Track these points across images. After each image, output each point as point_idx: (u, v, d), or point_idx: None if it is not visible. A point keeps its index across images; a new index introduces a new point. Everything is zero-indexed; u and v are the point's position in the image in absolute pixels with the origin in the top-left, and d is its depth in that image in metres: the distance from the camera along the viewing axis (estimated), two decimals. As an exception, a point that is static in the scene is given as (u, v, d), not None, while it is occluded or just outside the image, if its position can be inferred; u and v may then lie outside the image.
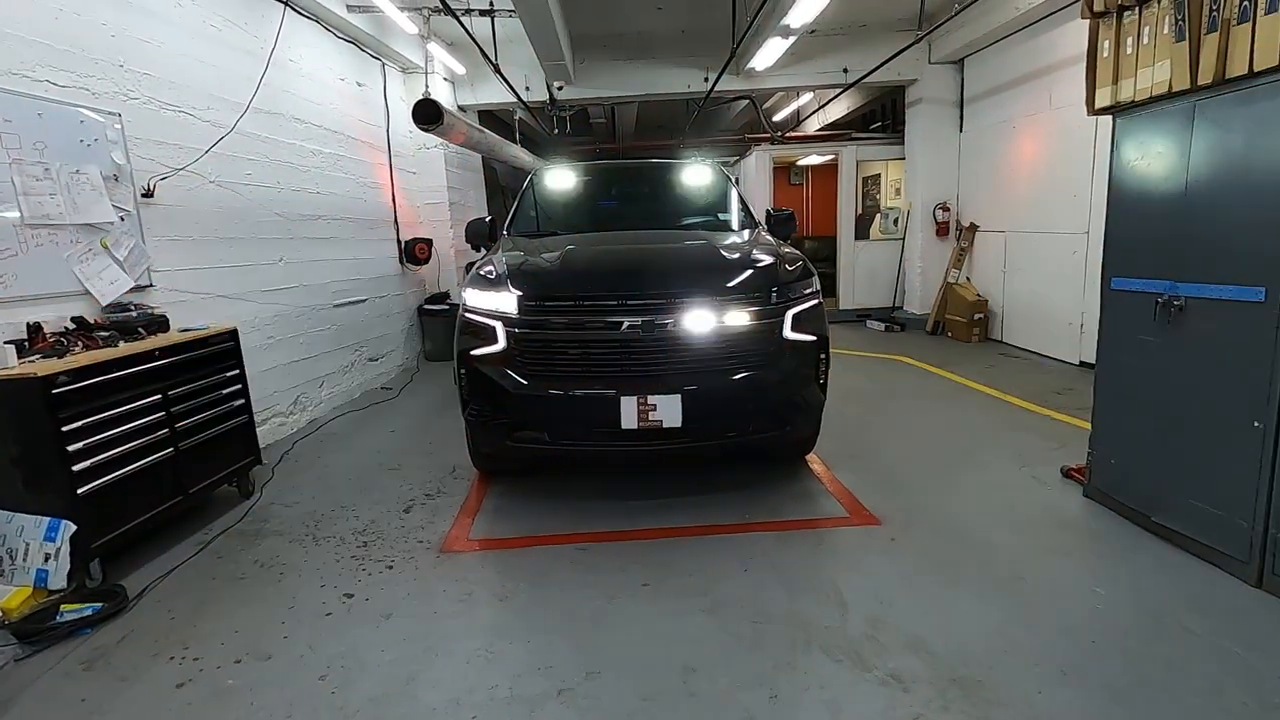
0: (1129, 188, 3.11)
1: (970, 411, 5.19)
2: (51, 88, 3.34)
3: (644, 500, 3.68)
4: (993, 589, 2.70)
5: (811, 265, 3.77)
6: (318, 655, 2.43)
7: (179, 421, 3.34)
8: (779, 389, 3.43)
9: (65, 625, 2.57)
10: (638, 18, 8.04)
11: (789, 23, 6.27)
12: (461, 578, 2.95)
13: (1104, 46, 3.13)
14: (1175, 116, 2.81)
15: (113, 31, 3.72)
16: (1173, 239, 2.87)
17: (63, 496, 2.76)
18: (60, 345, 2.97)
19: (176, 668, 2.39)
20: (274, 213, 5.12)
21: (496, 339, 3.39)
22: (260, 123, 4.88)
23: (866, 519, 3.36)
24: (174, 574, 3.05)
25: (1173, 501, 2.95)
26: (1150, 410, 3.04)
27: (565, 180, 5.21)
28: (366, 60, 6.87)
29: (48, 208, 3.25)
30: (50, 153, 3.27)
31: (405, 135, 7.52)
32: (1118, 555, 2.96)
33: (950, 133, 8.75)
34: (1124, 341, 3.18)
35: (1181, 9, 2.66)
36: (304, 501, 3.85)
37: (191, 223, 4.26)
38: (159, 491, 3.25)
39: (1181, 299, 2.82)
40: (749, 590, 2.75)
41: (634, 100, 9.78)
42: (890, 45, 7.41)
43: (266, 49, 4.80)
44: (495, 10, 6.45)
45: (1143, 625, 2.43)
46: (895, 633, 2.43)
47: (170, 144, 4.07)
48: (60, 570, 2.74)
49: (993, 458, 4.14)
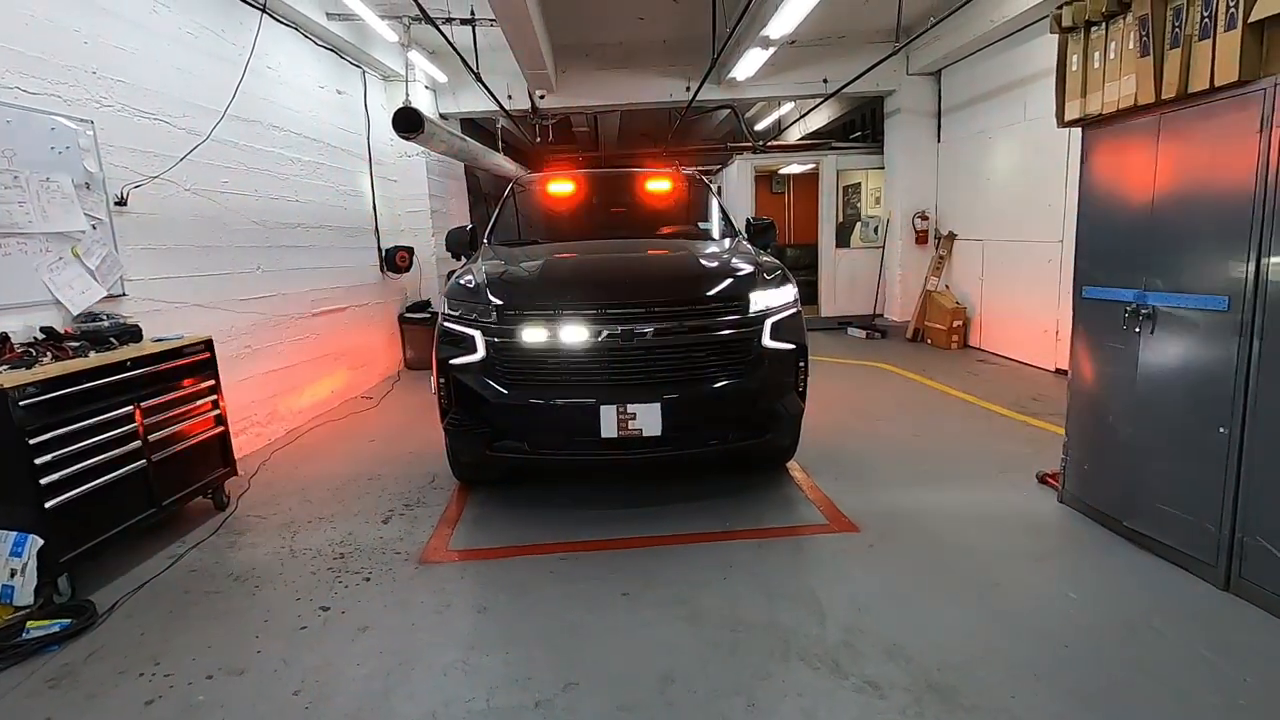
0: (1098, 199, 3.17)
1: (949, 418, 5.24)
2: (21, 94, 3.29)
3: (624, 509, 3.68)
4: (969, 595, 2.73)
5: (790, 274, 3.80)
6: (292, 670, 2.39)
7: (152, 433, 3.29)
8: (758, 397, 3.46)
9: (31, 642, 2.51)
10: (620, 28, 8.08)
11: (769, 34, 6.34)
12: (440, 589, 2.93)
13: (1072, 60, 3.20)
14: (1141, 130, 2.88)
15: (85, 38, 3.67)
16: (1141, 249, 2.93)
17: (30, 510, 2.70)
18: (29, 356, 2.91)
19: (146, 684, 2.34)
20: (252, 221, 5.07)
21: (476, 348, 3.38)
22: (238, 130, 4.84)
23: (846, 526, 3.38)
24: (145, 588, 3.00)
25: (1144, 506, 3.00)
26: (1121, 417, 3.10)
27: (546, 189, 5.22)
28: (346, 68, 6.84)
29: (16, 216, 3.19)
30: (19, 160, 3.22)
31: (386, 143, 7.49)
32: (1091, 560, 3.00)
33: (928, 143, 8.88)
34: (1095, 349, 3.24)
35: (1146, 25, 2.72)
36: (280, 513, 3.80)
37: (166, 231, 4.21)
38: (130, 504, 3.19)
39: (1149, 308, 2.88)
40: (728, 598, 2.76)
41: (616, 109, 9.81)
42: (869, 56, 7.51)
43: (244, 56, 4.76)
44: (476, 19, 6.45)
45: (1115, 629, 2.47)
46: (873, 639, 2.44)
47: (144, 151, 4.02)
48: (27, 586, 2.67)
49: (971, 464, 4.18)
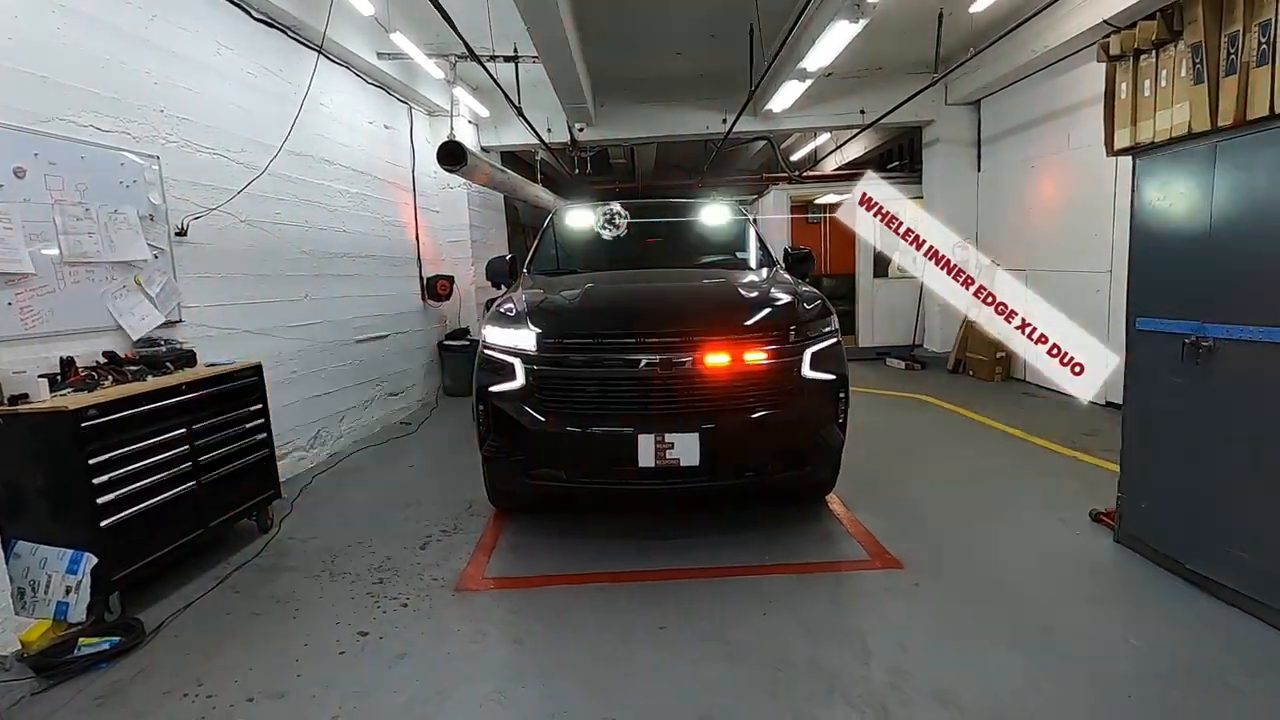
0: (1152, 228, 3.09)
1: (994, 452, 5.09)
2: (96, 132, 3.48)
3: (661, 540, 3.64)
4: (1022, 638, 2.61)
5: (830, 304, 3.77)
6: (330, 695, 2.40)
7: (202, 455, 3.38)
8: (798, 428, 3.41)
9: (82, 659, 2.57)
10: (658, 62, 8.25)
11: (806, 66, 6.39)
12: (476, 617, 2.92)
13: (1121, 89, 3.15)
14: (1196, 157, 2.80)
15: (155, 79, 3.89)
16: (1198, 280, 2.83)
17: (86, 529, 2.79)
18: (91, 379, 3.03)
19: (190, 705, 2.37)
20: (301, 250, 5.25)
21: (515, 376, 3.41)
22: (291, 164, 5.04)
23: (889, 562, 3.28)
24: (191, 608, 3.05)
25: (1208, 548, 2.85)
26: (1182, 453, 2.96)
27: (585, 219, 5.29)
28: (394, 104, 7.10)
29: (86, 246, 3.36)
30: (91, 193, 3.40)
31: (430, 175, 7.71)
32: (1151, 604, 2.85)
33: (968, 172, 8.79)
34: (1152, 383, 3.12)
35: (1199, 53, 2.67)
36: (321, 536, 3.85)
37: (222, 260, 4.38)
38: (180, 524, 3.27)
39: (1210, 340, 2.77)
40: (768, 635, 2.69)
41: (653, 141, 9.97)
42: (907, 87, 7.51)
43: (299, 94, 4.98)
44: (519, 56, 6.66)
45: (1181, 679, 2.33)
46: (921, 683, 2.34)
47: (204, 185, 4.22)
48: (80, 603, 2.75)
49: (1018, 501, 4.04)
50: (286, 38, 5.10)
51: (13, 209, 3.00)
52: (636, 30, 7.13)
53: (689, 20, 6.91)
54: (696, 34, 7.28)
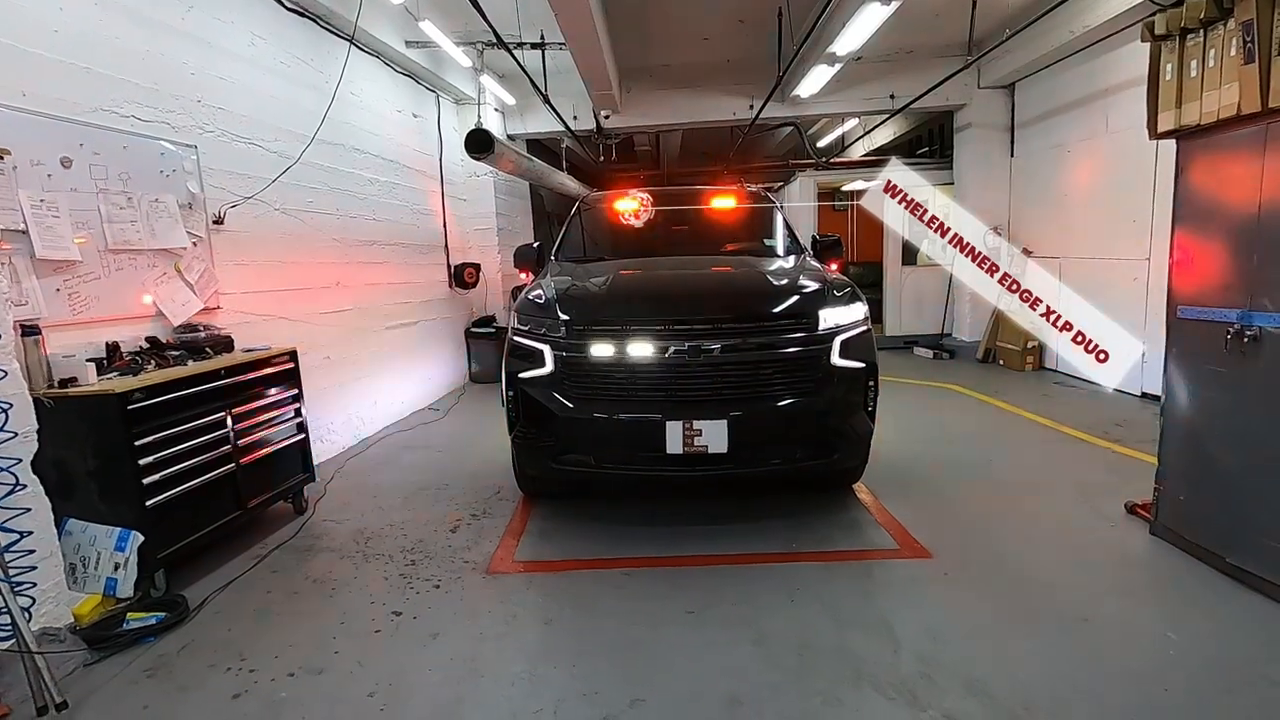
0: (1196, 214, 3.00)
1: (1025, 442, 5.02)
2: (137, 122, 3.56)
3: (688, 526, 3.66)
4: (1055, 630, 2.58)
5: (859, 291, 3.73)
6: (367, 672, 2.46)
7: (241, 438, 3.47)
8: (826, 416, 3.39)
9: (130, 633, 2.68)
10: (684, 49, 8.18)
11: (835, 50, 6.29)
12: (506, 599, 2.97)
13: (1166, 70, 3.05)
14: (1245, 140, 2.71)
15: (193, 70, 3.96)
16: (1245, 267, 2.75)
17: (133, 508, 2.89)
18: (135, 364, 3.13)
19: (233, 678, 2.45)
20: (332, 238, 5.33)
21: (544, 362, 3.44)
22: (323, 153, 5.11)
23: (918, 551, 3.26)
24: (231, 586, 3.15)
25: (1249, 542, 2.79)
26: (1224, 445, 2.90)
27: (613, 206, 5.29)
28: (422, 92, 7.15)
29: (128, 234, 3.45)
30: (133, 183, 3.48)
31: (457, 163, 7.77)
32: (1190, 597, 2.80)
33: (1001, 157, 8.60)
34: (1193, 372, 3.05)
35: (1250, 31, 2.58)
36: (354, 519, 3.93)
37: (257, 247, 4.47)
38: (220, 505, 3.37)
39: (1256, 329, 2.69)
40: (796, 621, 2.70)
41: (679, 128, 9.90)
42: (938, 71, 7.36)
43: (331, 84, 5.04)
44: (546, 43, 6.65)
45: (1221, 674, 2.29)
46: (951, 672, 2.34)
47: (240, 174, 4.30)
48: (128, 579, 2.85)
49: (1050, 491, 3.98)
50: (318, 27, 5.15)
51: (60, 198, 3.09)
52: (664, 16, 7.07)
53: (717, 6, 6.83)
54: (725, 20, 7.20)
